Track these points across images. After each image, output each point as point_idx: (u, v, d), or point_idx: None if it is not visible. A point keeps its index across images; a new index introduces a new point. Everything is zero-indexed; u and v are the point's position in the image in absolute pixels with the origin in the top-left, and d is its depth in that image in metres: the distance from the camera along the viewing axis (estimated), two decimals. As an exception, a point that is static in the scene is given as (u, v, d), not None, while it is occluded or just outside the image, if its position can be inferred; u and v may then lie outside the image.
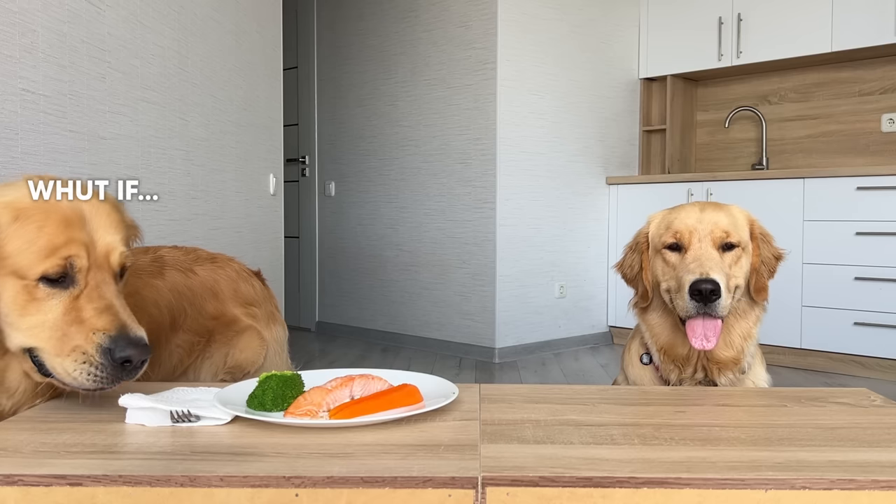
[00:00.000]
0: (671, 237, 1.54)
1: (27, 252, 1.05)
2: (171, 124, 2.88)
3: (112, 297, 1.09)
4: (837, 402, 1.22)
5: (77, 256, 1.07)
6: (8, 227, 1.06)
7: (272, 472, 0.85)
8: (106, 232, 1.12)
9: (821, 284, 4.19)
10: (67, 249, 1.07)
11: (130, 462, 0.89)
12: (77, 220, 1.09)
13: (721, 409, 1.21)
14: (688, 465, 0.88)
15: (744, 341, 1.54)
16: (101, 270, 1.10)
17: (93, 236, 1.10)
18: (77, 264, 1.07)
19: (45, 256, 1.05)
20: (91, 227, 1.10)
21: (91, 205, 1.12)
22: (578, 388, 1.32)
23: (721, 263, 1.49)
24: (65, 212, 1.08)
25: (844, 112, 4.77)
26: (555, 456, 0.92)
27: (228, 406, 1.07)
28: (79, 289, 1.08)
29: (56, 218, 1.07)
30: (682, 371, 1.54)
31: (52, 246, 1.06)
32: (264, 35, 3.71)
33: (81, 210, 1.10)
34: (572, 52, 4.95)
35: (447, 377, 1.26)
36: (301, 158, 5.86)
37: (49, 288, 1.06)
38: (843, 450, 0.96)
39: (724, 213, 1.56)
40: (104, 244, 1.11)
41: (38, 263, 1.05)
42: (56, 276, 1.06)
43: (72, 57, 2.26)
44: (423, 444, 0.96)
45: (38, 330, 1.06)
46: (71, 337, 1.05)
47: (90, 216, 1.11)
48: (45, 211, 1.08)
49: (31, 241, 1.06)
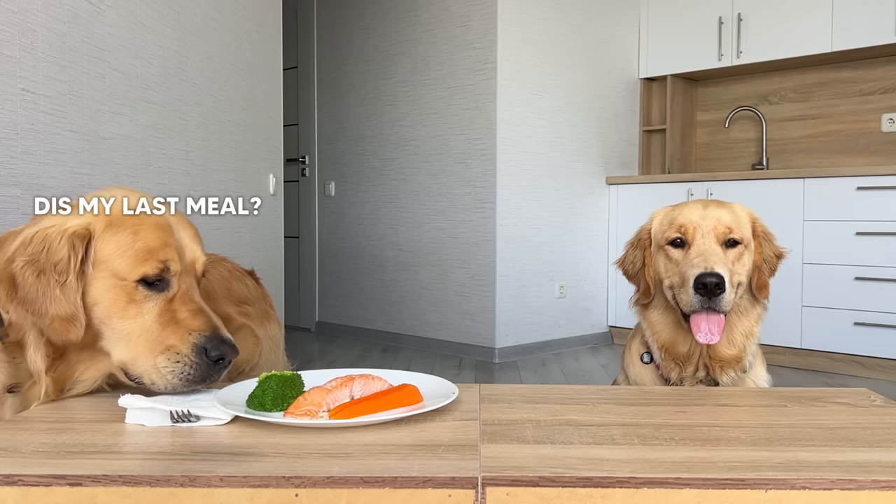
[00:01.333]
0: (675, 232, 1.55)
1: (125, 255, 1.11)
2: (170, 124, 2.88)
3: (201, 301, 1.17)
4: (837, 403, 1.22)
5: (172, 261, 1.14)
6: (102, 233, 1.12)
7: (272, 472, 0.85)
8: (190, 241, 1.20)
9: (821, 284, 4.19)
10: (164, 253, 1.13)
11: (130, 462, 0.89)
12: (167, 228, 1.16)
13: (721, 409, 1.21)
14: (688, 466, 0.88)
15: (746, 339, 1.54)
16: (189, 276, 1.18)
17: (181, 243, 1.17)
18: (172, 268, 1.14)
19: (144, 259, 1.12)
20: (178, 235, 1.18)
21: (173, 216, 1.20)
22: (578, 388, 1.32)
23: (725, 259, 1.50)
24: (156, 219, 1.15)
25: (844, 112, 4.77)
26: (555, 456, 0.92)
27: (228, 406, 1.07)
28: (172, 292, 1.14)
29: (149, 225, 1.14)
30: (683, 369, 1.54)
31: (148, 249, 1.12)
32: (264, 35, 3.71)
33: (167, 219, 1.17)
34: (572, 51, 4.95)
35: (447, 377, 1.26)
36: (301, 158, 5.86)
37: (146, 290, 1.12)
38: (844, 450, 0.96)
39: (726, 210, 1.57)
40: (190, 252, 1.19)
41: (138, 266, 1.11)
42: (154, 279, 1.12)
43: (72, 57, 2.26)
44: (423, 444, 0.96)
45: (134, 330, 1.12)
46: (165, 337, 1.11)
47: (175, 225, 1.18)
48: (137, 218, 1.14)
49: (128, 246, 1.12)
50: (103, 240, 1.12)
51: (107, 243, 1.12)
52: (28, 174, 2.07)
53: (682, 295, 1.48)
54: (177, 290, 1.15)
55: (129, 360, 1.13)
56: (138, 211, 1.16)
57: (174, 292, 1.14)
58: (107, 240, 1.12)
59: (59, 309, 1.09)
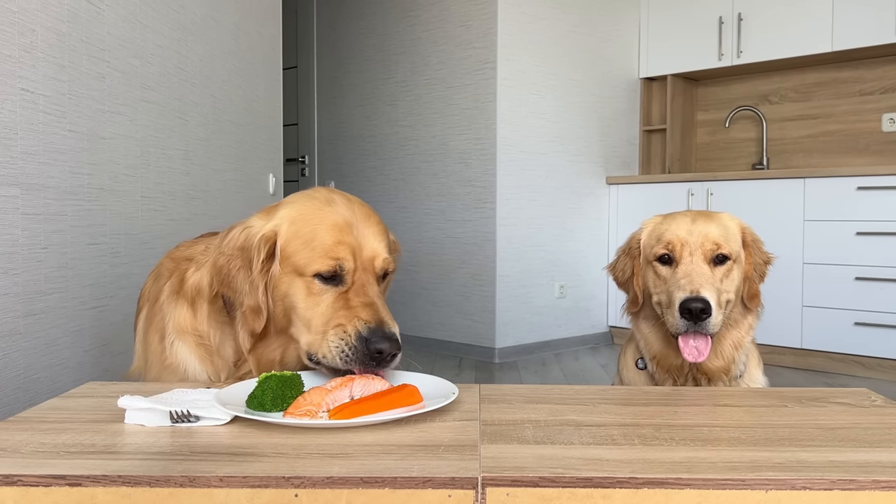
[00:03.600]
0: (662, 248, 1.52)
1: (302, 254, 1.23)
2: (170, 124, 2.88)
3: (374, 296, 1.24)
4: (838, 403, 1.22)
5: (344, 258, 1.23)
6: (287, 231, 1.25)
7: (272, 472, 0.85)
8: (372, 239, 1.27)
9: (821, 284, 4.19)
10: (336, 251, 1.23)
11: (130, 462, 0.89)
12: (345, 227, 1.25)
13: (721, 409, 1.20)
14: (688, 466, 0.88)
15: (734, 351, 1.52)
16: (367, 272, 1.25)
17: (360, 241, 1.26)
18: (346, 265, 1.23)
19: (319, 257, 1.23)
20: (358, 233, 1.26)
21: (358, 215, 1.28)
22: (579, 389, 1.31)
23: (712, 279, 1.47)
24: (335, 219, 1.25)
25: (845, 112, 4.77)
26: (555, 456, 0.92)
27: (228, 406, 1.07)
28: (346, 286, 1.23)
29: (327, 225, 1.24)
30: (676, 380, 1.54)
31: (323, 248, 1.23)
32: (264, 35, 3.71)
33: (349, 219, 1.26)
34: (572, 51, 4.95)
35: (447, 377, 1.27)
36: (301, 158, 5.86)
37: (322, 284, 1.23)
38: (844, 450, 0.96)
39: (715, 223, 1.53)
40: (370, 249, 1.26)
41: (313, 263, 1.23)
42: (328, 274, 1.23)
43: (71, 56, 2.26)
44: (422, 444, 0.96)
45: (312, 318, 1.23)
46: (337, 318, 1.20)
47: (358, 224, 1.27)
48: (319, 217, 1.25)
49: (305, 244, 1.24)
50: (287, 240, 1.25)
51: (289, 243, 1.24)
52: (27, 174, 2.07)
53: (669, 316, 1.46)
54: (350, 284, 1.23)
55: (310, 342, 1.23)
56: (325, 210, 1.26)
57: (348, 286, 1.23)
58: (289, 240, 1.24)
59: (250, 301, 1.24)
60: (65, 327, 2.26)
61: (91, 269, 2.39)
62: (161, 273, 1.47)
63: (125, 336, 2.52)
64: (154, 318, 1.42)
